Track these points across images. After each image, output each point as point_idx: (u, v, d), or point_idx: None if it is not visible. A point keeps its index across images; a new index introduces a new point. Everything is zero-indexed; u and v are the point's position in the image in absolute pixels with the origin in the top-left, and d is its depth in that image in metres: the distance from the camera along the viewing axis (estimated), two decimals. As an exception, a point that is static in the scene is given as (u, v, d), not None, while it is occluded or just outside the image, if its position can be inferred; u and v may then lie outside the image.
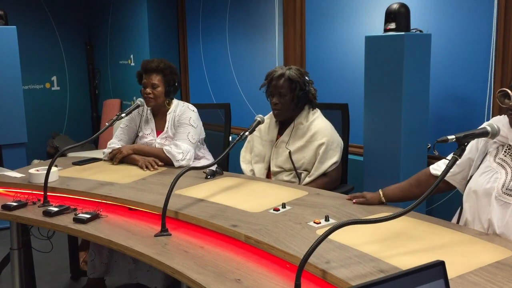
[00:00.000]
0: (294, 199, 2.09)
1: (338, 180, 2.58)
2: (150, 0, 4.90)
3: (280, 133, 2.63)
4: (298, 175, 2.52)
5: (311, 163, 2.51)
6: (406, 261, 1.46)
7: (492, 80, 2.70)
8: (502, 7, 2.66)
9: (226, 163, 3.10)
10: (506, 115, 1.68)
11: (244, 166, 2.72)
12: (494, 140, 1.74)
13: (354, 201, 2.01)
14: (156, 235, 1.85)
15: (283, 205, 1.97)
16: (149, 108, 2.92)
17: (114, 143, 2.92)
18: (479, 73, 2.76)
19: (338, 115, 2.79)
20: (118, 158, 2.79)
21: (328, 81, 3.60)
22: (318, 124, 2.53)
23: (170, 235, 1.85)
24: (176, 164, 2.70)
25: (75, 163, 2.84)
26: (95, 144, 5.65)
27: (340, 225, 1.37)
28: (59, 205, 2.17)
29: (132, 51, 5.22)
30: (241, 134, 2.32)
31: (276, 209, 1.95)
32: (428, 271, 0.69)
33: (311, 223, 1.79)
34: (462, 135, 1.54)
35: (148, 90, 2.81)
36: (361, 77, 2.90)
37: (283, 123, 2.63)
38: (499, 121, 1.72)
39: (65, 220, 2.04)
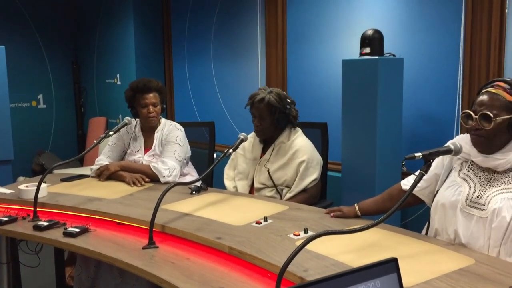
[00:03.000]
0: (276, 213, 2.19)
1: (318, 196, 2.70)
2: (137, 21, 5.03)
3: (264, 151, 2.75)
4: (279, 191, 2.63)
5: (293, 180, 2.63)
6: (378, 268, 1.58)
7: (460, 100, 2.88)
8: (469, 33, 2.85)
9: (210, 179, 3.20)
10: (469, 134, 1.82)
11: (227, 182, 2.82)
12: (458, 156, 1.88)
13: (331, 214, 2.13)
14: (143, 248, 1.94)
15: (265, 219, 2.08)
16: (137, 126, 3.02)
17: (102, 160, 3.01)
18: (448, 94, 2.94)
19: (318, 133, 2.93)
20: (105, 174, 2.87)
21: (308, 101, 3.75)
22: (299, 143, 2.66)
23: (157, 247, 1.94)
24: (162, 180, 2.79)
25: (63, 180, 2.92)
26: (80, 162, 5.70)
27: (316, 235, 1.49)
28: (49, 220, 2.24)
29: (118, 70, 5.33)
30: (225, 151, 2.43)
31: (258, 223, 2.05)
32: (383, 267, 0.80)
33: (291, 235, 1.90)
34: (428, 153, 1.68)
35: (151, 108, 2.91)
36: (339, 97, 3.06)
37: (266, 142, 2.76)
38: (462, 139, 1.86)
39: (55, 234, 2.12)
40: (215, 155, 3.20)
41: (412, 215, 3.15)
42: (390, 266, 0.81)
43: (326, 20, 3.66)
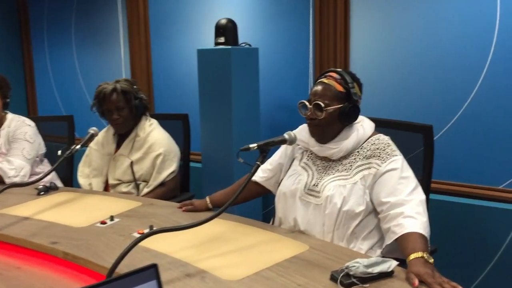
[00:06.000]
0: (126, 211, 2.10)
1: (177, 189, 2.64)
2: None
3: (118, 146, 2.63)
4: (137, 186, 2.54)
5: (149, 174, 2.54)
6: (214, 263, 1.56)
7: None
8: (317, 24, 2.94)
9: (70, 177, 3.02)
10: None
11: (82, 180, 2.66)
12: (300, 146, 1.93)
13: (183, 209, 2.09)
14: (-32, 260, 1.75)
15: (111, 218, 1.98)
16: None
17: None
18: (301, 83, 3.03)
19: (180, 124, 2.87)
20: None
21: (173, 91, 3.67)
22: (155, 136, 2.58)
23: (-15, 258, 1.76)
24: (7, 181, 2.56)
25: None
26: None
27: (142, 237, 1.43)
28: None
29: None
30: (72, 148, 2.28)
31: (103, 222, 1.95)
32: (142, 274, 0.76)
33: (135, 234, 1.82)
34: (263, 143, 1.69)
35: None
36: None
37: (121, 136, 2.64)
38: (303, 129, 1.91)
39: None
40: (59, 152, 3.00)
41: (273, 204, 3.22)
42: (149, 273, 0.78)
43: (186, 8, 3.59)
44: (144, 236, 1.47)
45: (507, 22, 2.46)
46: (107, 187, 2.60)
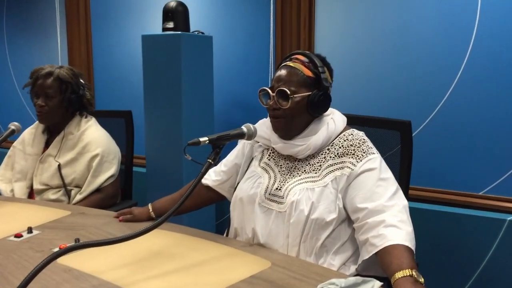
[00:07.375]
0: (50, 222, 1.76)
1: (116, 196, 2.30)
2: None
3: (48, 145, 2.26)
4: (68, 192, 2.17)
5: (84, 178, 2.19)
6: (153, 286, 1.25)
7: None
8: (279, 12, 2.68)
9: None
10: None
11: (3, 186, 2.28)
12: (259, 143, 1.65)
13: (120, 218, 1.76)
14: None
15: (29, 230, 1.63)
16: None
17: None
18: (260, 77, 2.76)
19: (122, 123, 2.53)
20: None
21: (115, 86, 3.29)
22: (91, 134, 2.23)
23: None
24: None
25: None
26: None
27: (58, 254, 1.10)
28: None
29: None
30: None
31: (18, 236, 1.60)
32: None
33: (56, 249, 1.48)
34: (216, 137, 1.40)
35: None
36: (145, 80, 2.67)
37: (52, 133, 2.28)
38: (264, 123, 1.64)
39: None
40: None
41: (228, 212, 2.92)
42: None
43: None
44: (61, 252, 1.13)
45: (487, 12, 2.27)
46: (32, 194, 2.22)
